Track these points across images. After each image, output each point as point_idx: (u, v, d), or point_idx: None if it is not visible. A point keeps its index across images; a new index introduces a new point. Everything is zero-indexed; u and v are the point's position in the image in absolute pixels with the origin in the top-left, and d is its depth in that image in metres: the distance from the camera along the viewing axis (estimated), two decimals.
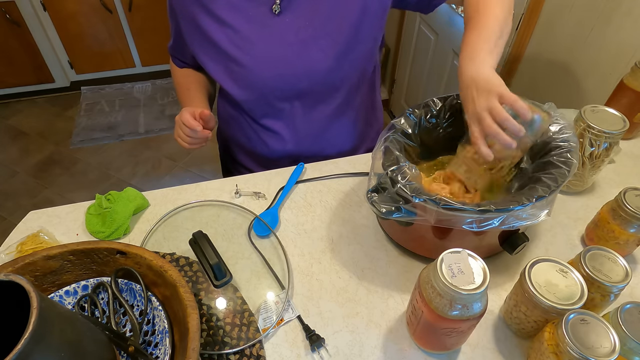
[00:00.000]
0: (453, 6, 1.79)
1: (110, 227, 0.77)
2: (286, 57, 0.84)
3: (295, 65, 0.84)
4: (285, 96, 0.89)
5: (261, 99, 0.90)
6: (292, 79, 0.86)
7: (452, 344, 0.61)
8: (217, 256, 0.66)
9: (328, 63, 0.84)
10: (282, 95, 0.89)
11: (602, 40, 1.21)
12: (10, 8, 2.46)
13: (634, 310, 0.56)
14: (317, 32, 0.82)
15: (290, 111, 0.92)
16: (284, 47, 0.83)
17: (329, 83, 0.88)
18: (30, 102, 2.90)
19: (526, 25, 1.44)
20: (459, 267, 0.53)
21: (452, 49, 1.91)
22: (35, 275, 0.56)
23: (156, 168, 2.48)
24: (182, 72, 1.01)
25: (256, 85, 0.87)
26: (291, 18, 0.81)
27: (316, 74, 0.86)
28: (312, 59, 0.84)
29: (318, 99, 0.91)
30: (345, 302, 0.70)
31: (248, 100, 0.90)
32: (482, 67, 0.66)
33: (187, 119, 0.83)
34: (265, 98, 0.89)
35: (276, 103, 0.90)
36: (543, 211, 0.62)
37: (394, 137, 0.73)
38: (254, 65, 0.84)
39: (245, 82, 0.87)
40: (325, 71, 0.86)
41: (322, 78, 0.87)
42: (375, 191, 0.67)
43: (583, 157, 0.80)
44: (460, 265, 0.53)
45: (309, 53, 0.83)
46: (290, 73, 0.85)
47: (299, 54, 0.84)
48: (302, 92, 0.89)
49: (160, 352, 0.54)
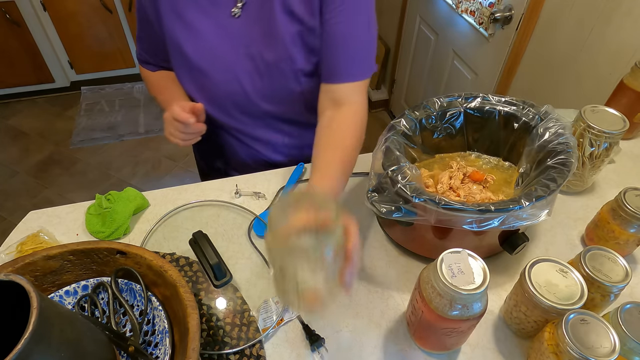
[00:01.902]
0: (453, 6, 1.79)
1: (110, 227, 0.77)
2: (249, 73, 0.81)
3: (255, 83, 0.82)
4: (246, 112, 0.88)
5: (222, 112, 0.88)
6: (254, 98, 0.84)
7: (452, 344, 0.61)
8: (217, 256, 0.66)
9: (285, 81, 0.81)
10: (244, 111, 0.87)
11: (602, 41, 1.21)
12: (10, 8, 2.46)
13: (634, 310, 0.56)
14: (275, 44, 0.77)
15: (252, 127, 0.91)
16: (246, 60, 0.81)
17: (294, 103, 0.86)
18: (30, 102, 2.89)
19: (526, 25, 1.44)
20: (459, 267, 0.53)
21: (452, 49, 1.91)
22: (35, 275, 0.56)
23: (156, 168, 2.48)
24: (157, 75, 0.96)
25: (217, 99, 0.86)
26: (250, 22, 0.78)
27: (280, 95, 0.84)
28: (275, 80, 0.81)
29: (280, 117, 0.89)
30: (345, 302, 0.70)
31: (209, 110, 0.89)
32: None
33: (178, 113, 0.77)
34: (225, 111, 0.88)
35: (237, 117, 0.89)
36: (543, 211, 0.62)
37: (394, 138, 0.73)
38: (217, 77, 0.82)
39: (209, 94, 0.86)
40: (288, 92, 0.83)
41: (286, 99, 0.85)
42: (375, 191, 0.67)
43: (583, 157, 0.80)
44: (460, 265, 0.53)
45: (270, 72, 0.81)
46: (251, 91, 0.83)
47: (259, 70, 0.81)
48: (265, 110, 0.87)
49: (160, 352, 0.54)
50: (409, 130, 0.76)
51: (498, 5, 1.53)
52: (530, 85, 1.53)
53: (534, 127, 0.75)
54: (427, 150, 0.82)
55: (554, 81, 1.42)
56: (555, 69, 1.40)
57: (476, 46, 1.73)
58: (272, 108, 0.87)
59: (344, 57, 0.75)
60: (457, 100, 0.80)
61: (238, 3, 0.76)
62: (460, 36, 1.83)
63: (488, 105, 0.79)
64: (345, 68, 0.75)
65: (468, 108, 0.80)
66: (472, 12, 1.68)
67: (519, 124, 0.78)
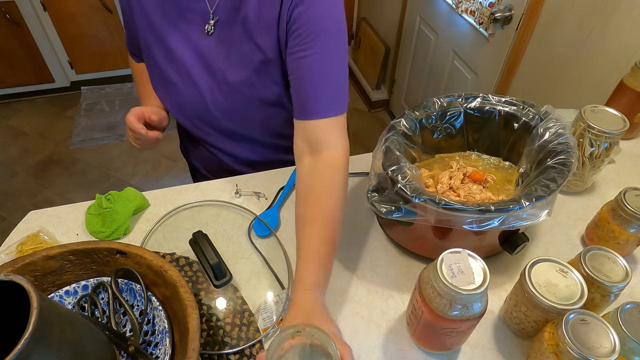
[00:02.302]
0: (453, 6, 1.79)
1: (110, 227, 0.77)
2: (212, 90, 0.81)
3: (216, 98, 0.82)
4: (209, 126, 0.88)
5: (188, 123, 0.89)
6: (216, 115, 0.84)
7: (452, 344, 0.61)
8: (217, 256, 0.66)
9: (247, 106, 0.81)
10: (207, 124, 0.88)
11: (602, 41, 1.21)
12: (10, 8, 2.46)
13: (634, 310, 0.56)
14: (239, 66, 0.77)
15: (215, 140, 0.91)
16: (211, 77, 0.80)
17: (255, 127, 0.87)
18: (30, 102, 2.89)
19: (526, 25, 1.44)
20: (459, 267, 0.53)
21: (452, 49, 1.91)
22: (35, 275, 0.56)
23: (156, 168, 2.47)
24: (138, 67, 0.97)
25: (183, 110, 0.87)
26: (220, 41, 0.77)
27: (240, 117, 0.84)
28: (236, 103, 0.81)
29: (241, 135, 0.89)
30: (345, 302, 0.70)
31: (179, 120, 0.90)
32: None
33: (132, 122, 0.81)
34: (190, 123, 0.89)
35: (202, 129, 0.89)
36: (543, 211, 0.62)
37: (394, 138, 0.73)
38: (184, 89, 0.82)
39: (176, 104, 0.86)
40: (248, 118, 0.84)
41: (247, 123, 0.86)
42: (375, 191, 0.67)
43: (583, 157, 0.80)
44: (460, 266, 0.53)
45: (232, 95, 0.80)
46: (213, 108, 0.83)
47: (222, 90, 0.80)
48: (226, 127, 0.87)
49: (160, 352, 0.54)
50: (409, 130, 0.76)
51: (498, 5, 1.53)
52: (530, 85, 1.53)
53: (534, 127, 0.75)
54: (427, 150, 0.82)
55: (554, 81, 1.42)
56: (555, 69, 1.40)
57: (476, 46, 1.73)
58: (232, 126, 0.87)
59: (315, 92, 0.70)
60: (457, 100, 0.80)
61: (211, 20, 0.75)
62: (460, 36, 1.83)
63: (488, 105, 0.79)
64: (317, 104, 0.70)
65: (468, 108, 0.80)
66: (472, 12, 1.68)
67: (519, 124, 0.78)
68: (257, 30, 0.72)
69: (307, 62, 0.69)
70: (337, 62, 0.70)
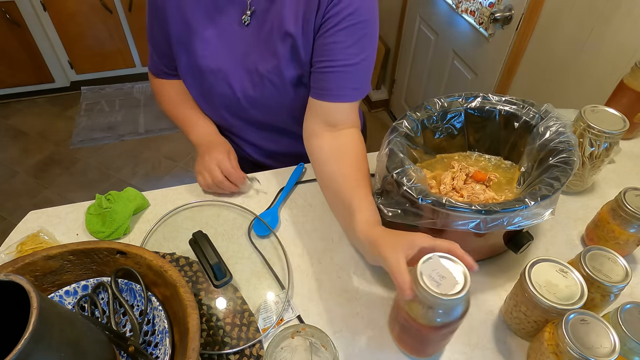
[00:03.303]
0: (453, 6, 1.79)
1: (110, 227, 0.77)
2: (241, 80, 0.82)
3: (245, 88, 0.83)
4: (238, 116, 0.89)
5: (217, 114, 0.90)
6: (244, 104, 0.85)
7: (434, 350, 0.62)
8: (217, 256, 0.66)
9: (277, 93, 0.83)
10: (236, 114, 0.89)
11: (602, 41, 1.21)
12: (10, 8, 2.46)
13: (634, 310, 0.56)
14: (270, 56, 0.78)
15: (243, 129, 0.93)
16: (240, 67, 0.81)
17: (278, 112, 0.87)
18: (30, 102, 2.89)
19: (526, 25, 1.44)
20: (439, 273, 0.51)
21: (452, 49, 1.91)
22: (35, 275, 0.56)
23: (156, 168, 2.47)
24: (174, 88, 0.93)
25: (213, 101, 0.87)
26: (255, 33, 0.78)
27: (269, 105, 0.85)
28: (265, 91, 0.82)
29: (269, 124, 0.91)
30: (345, 302, 0.70)
31: (207, 112, 0.90)
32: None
33: (228, 187, 0.83)
34: (220, 113, 0.89)
35: (230, 120, 0.90)
36: (547, 210, 0.62)
37: (397, 140, 0.73)
38: (213, 80, 0.83)
39: (206, 95, 0.86)
40: (277, 104, 0.85)
41: (275, 109, 0.86)
42: (380, 194, 0.67)
43: (583, 157, 0.80)
44: (439, 271, 0.51)
45: (262, 83, 0.81)
46: (242, 97, 0.84)
47: (251, 79, 0.81)
48: (255, 117, 0.88)
49: (160, 352, 0.54)
50: (411, 131, 0.76)
51: (498, 5, 1.53)
52: (530, 85, 1.53)
53: (534, 126, 0.75)
54: (429, 150, 0.82)
55: (554, 81, 1.42)
56: (555, 69, 1.40)
57: (476, 46, 1.73)
58: (260, 115, 0.88)
59: (346, 78, 0.73)
60: (457, 100, 0.80)
61: (247, 11, 0.77)
62: (460, 36, 1.83)
63: (488, 105, 0.79)
64: (345, 89, 0.74)
65: (469, 108, 0.80)
66: (472, 12, 1.68)
67: (519, 123, 0.78)
68: (289, 17, 0.73)
69: (341, 48, 0.72)
70: (369, 50, 0.74)
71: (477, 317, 0.68)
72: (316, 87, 0.77)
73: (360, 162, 0.73)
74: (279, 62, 0.78)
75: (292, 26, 0.74)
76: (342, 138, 0.76)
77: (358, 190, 0.68)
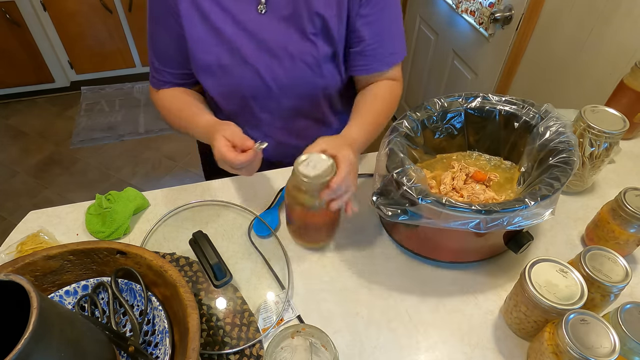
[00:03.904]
0: (453, 6, 1.79)
1: (110, 227, 0.77)
2: (271, 68, 0.81)
3: (276, 75, 0.82)
4: (266, 107, 0.88)
5: (242, 108, 0.88)
6: (276, 92, 0.84)
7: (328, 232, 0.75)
8: (217, 256, 0.66)
9: (311, 73, 0.83)
10: (264, 106, 0.87)
11: (602, 41, 1.21)
12: (10, 8, 2.46)
13: (634, 310, 0.56)
14: (299, 36, 0.79)
15: (271, 122, 0.91)
16: (268, 55, 0.81)
17: (310, 95, 0.87)
18: (30, 102, 2.89)
19: (526, 25, 1.44)
20: (313, 164, 0.65)
21: (452, 49, 1.91)
22: (35, 275, 0.56)
23: (156, 168, 2.47)
24: (175, 96, 0.88)
25: (238, 95, 0.85)
26: (275, 18, 0.78)
27: (301, 88, 0.85)
28: (298, 72, 0.82)
29: (299, 111, 0.90)
30: (345, 302, 0.70)
31: (229, 108, 0.88)
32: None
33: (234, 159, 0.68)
34: (246, 107, 0.88)
35: (257, 113, 0.89)
36: (547, 210, 0.62)
37: (397, 140, 0.73)
38: (238, 72, 0.82)
39: (229, 90, 0.85)
40: (311, 85, 0.85)
41: (307, 92, 0.86)
42: (380, 194, 0.67)
43: (583, 157, 0.80)
44: (312, 163, 0.65)
45: (295, 65, 0.81)
46: (274, 86, 0.83)
47: (282, 64, 0.81)
48: (285, 105, 0.87)
49: (160, 352, 0.54)
50: (411, 131, 0.76)
51: (498, 5, 1.53)
52: (530, 85, 1.53)
53: (534, 126, 0.75)
54: (429, 150, 0.82)
55: (554, 81, 1.42)
56: (555, 69, 1.40)
57: (476, 46, 1.73)
58: (292, 103, 0.87)
59: (392, 44, 0.85)
60: (457, 100, 0.80)
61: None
62: (460, 36, 1.83)
63: (488, 105, 0.79)
64: (394, 54, 0.86)
65: (469, 108, 0.80)
66: (472, 12, 1.68)
67: (519, 123, 0.78)
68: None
69: (382, 20, 0.82)
70: (400, 16, 0.86)
71: (477, 317, 0.68)
72: (365, 62, 0.85)
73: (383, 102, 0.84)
74: (311, 41, 0.80)
75: (321, 7, 0.77)
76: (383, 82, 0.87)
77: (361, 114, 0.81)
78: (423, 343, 0.65)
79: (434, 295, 0.71)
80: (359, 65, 0.85)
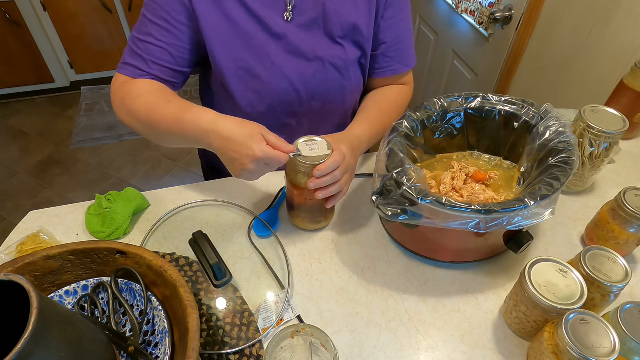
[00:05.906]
0: (453, 6, 1.79)
1: (110, 227, 0.77)
2: (300, 71, 0.82)
3: (306, 78, 0.82)
4: (293, 112, 0.87)
5: (269, 112, 0.87)
6: (304, 96, 0.85)
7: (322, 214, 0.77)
8: (217, 256, 0.66)
9: (339, 76, 0.84)
10: (291, 110, 0.87)
11: (602, 41, 1.21)
12: (10, 8, 2.46)
13: (634, 310, 0.56)
14: (328, 40, 0.81)
15: (296, 127, 0.91)
16: (297, 59, 0.81)
17: (336, 99, 0.88)
18: (30, 102, 2.89)
19: (526, 25, 1.44)
20: (312, 146, 0.68)
21: (452, 49, 1.91)
22: (35, 275, 0.56)
23: (156, 168, 2.47)
24: (160, 86, 0.78)
25: (266, 99, 0.84)
26: (302, 24, 0.79)
27: (329, 92, 0.85)
28: (327, 75, 0.83)
29: (325, 115, 0.90)
30: (345, 302, 0.70)
31: (255, 112, 0.86)
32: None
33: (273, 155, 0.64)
34: (273, 112, 0.87)
35: (283, 118, 0.89)
36: (547, 210, 0.62)
37: (397, 140, 0.73)
38: (267, 77, 0.81)
39: (257, 94, 0.83)
40: (338, 88, 0.86)
41: (334, 96, 0.87)
42: (380, 194, 0.67)
43: (583, 157, 0.80)
44: (313, 147, 0.68)
45: (324, 68, 0.82)
46: (303, 89, 0.83)
47: (312, 67, 0.82)
48: (312, 108, 0.87)
49: (160, 352, 0.54)
50: (411, 131, 0.76)
51: (498, 5, 1.53)
52: (530, 85, 1.53)
53: (534, 126, 0.75)
54: (429, 150, 0.82)
55: (554, 81, 1.42)
56: (555, 69, 1.40)
57: (476, 46, 1.73)
58: (319, 107, 0.89)
59: (409, 48, 0.90)
60: (457, 100, 0.80)
61: (288, 6, 0.77)
62: (460, 36, 1.83)
63: (488, 105, 0.79)
64: (410, 57, 0.90)
65: (468, 108, 0.80)
66: (472, 12, 1.68)
67: (519, 123, 0.78)
68: (343, 3, 0.79)
69: (402, 23, 0.86)
70: (411, 20, 0.90)
71: (477, 317, 0.68)
72: (383, 65, 0.89)
73: (391, 103, 0.90)
74: (340, 44, 0.82)
75: (351, 11, 0.80)
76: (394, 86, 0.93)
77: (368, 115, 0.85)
78: (423, 343, 0.65)
79: (434, 295, 0.71)
80: (381, 67, 0.89)
